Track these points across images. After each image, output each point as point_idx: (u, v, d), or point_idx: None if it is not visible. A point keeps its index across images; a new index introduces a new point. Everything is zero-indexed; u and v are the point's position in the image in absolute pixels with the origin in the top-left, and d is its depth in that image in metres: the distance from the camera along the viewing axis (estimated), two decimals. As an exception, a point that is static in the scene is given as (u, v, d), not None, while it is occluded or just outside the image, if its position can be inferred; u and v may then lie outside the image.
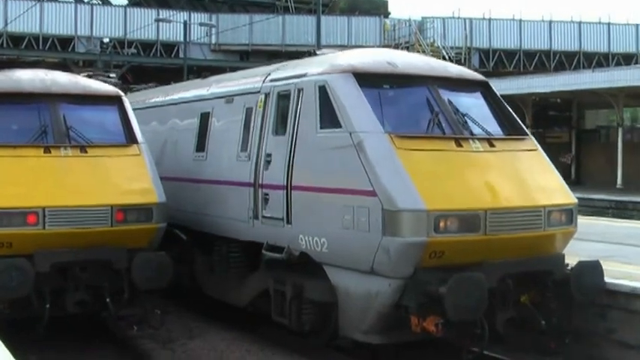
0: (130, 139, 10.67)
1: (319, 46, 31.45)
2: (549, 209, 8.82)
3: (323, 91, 9.19)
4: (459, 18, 51.82)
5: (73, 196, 9.59)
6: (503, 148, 9.19)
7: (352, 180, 8.54)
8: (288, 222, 9.47)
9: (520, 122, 9.96)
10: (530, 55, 52.19)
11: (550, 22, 52.82)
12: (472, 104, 9.71)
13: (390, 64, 9.46)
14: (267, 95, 10.25)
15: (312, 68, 9.67)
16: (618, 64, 49.96)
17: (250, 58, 48.15)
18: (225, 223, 10.90)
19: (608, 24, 53.81)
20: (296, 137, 9.47)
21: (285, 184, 9.48)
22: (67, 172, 9.83)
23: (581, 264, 8.86)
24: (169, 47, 48.85)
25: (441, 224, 8.10)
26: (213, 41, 48.78)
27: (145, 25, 46.28)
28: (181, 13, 47.15)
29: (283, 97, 9.94)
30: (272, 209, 9.79)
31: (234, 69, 15.26)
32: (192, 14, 48.51)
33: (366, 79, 9.09)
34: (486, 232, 8.32)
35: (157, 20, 44.73)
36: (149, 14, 48.00)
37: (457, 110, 9.35)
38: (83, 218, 9.55)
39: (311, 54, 11.02)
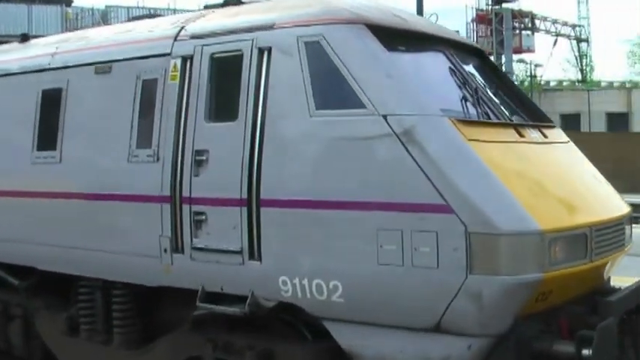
0: None
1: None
2: (626, 219, 6.73)
3: (318, 51, 6.16)
4: (143, 7, 51.62)
5: None
6: (554, 140, 6.94)
7: (399, 188, 5.66)
8: (254, 256, 6.33)
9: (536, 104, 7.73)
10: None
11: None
12: (484, 78, 7.27)
13: (399, 18, 6.75)
14: (185, 60, 6.94)
15: (281, 14, 6.56)
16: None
17: None
18: (109, 260, 7.36)
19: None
20: (262, 123, 6.35)
21: (246, 196, 6.33)
22: None
23: None
24: None
25: (552, 250, 5.53)
26: None
27: None
28: None
29: (225, 62, 6.73)
30: (215, 237, 6.56)
31: None
32: None
33: (380, 36, 6.25)
34: (592, 258, 5.93)
35: None
36: None
37: (485, 85, 6.95)
38: None
39: (228, 2, 7.74)
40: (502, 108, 6.82)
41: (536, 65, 60.47)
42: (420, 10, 23.93)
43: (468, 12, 57.16)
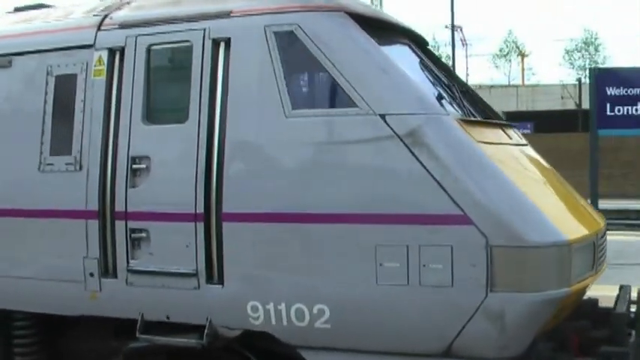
0: None
1: None
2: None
3: (292, 43, 5.45)
4: None
5: None
6: (528, 141, 6.59)
7: (403, 198, 5.06)
8: (213, 279, 5.52)
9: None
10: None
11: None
12: (446, 73, 6.76)
13: (365, 6, 6.11)
14: (114, 52, 6.00)
15: (236, 2, 5.78)
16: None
17: None
18: (14, 286, 6.28)
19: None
20: (221, 125, 5.54)
21: (203, 210, 5.52)
22: None
23: None
24: None
25: (575, 262, 5.11)
26: None
27: None
28: None
29: (166, 55, 5.89)
30: (160, 257, 5.68)
31: None
32: None
33: (362, 26, 5.61)
34: (597, 268, 5.60)
35: None
36: None
37: (453, 81, 6.45)
38: None
39: None
40: (477, 105, 6.35)
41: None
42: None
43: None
